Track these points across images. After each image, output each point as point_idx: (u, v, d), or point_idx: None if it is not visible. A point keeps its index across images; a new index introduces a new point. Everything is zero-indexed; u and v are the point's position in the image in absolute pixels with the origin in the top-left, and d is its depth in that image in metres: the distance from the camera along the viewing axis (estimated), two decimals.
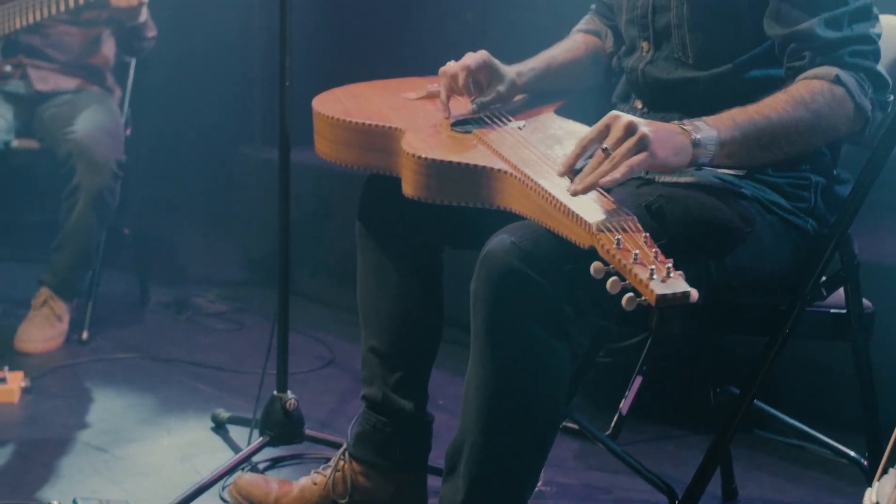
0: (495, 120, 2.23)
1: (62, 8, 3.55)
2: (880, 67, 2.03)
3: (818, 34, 2.00)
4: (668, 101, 2.21)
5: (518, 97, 2.38)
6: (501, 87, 2.32)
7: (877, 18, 2.06)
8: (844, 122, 2.00)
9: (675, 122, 1.93)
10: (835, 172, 2.18)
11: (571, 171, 1.86)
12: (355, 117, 2.23)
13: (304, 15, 3.32)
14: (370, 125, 2.21)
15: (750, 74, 2.12)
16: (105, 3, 3.49)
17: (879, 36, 2.05)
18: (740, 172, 2.10)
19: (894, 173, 2.17)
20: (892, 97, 2.05)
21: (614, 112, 1.88)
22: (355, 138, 2.23)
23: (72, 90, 3.77)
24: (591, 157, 1.86)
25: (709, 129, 1.92)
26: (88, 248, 3.67)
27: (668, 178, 2.10)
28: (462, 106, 2.30)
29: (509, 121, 2.22)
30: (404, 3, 4.53)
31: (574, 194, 1.79)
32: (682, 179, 2.09)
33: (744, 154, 1.96)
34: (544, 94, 2.41)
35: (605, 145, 1.83)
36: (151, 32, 3.77)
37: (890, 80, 2.04)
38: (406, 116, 2.25)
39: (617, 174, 1.79)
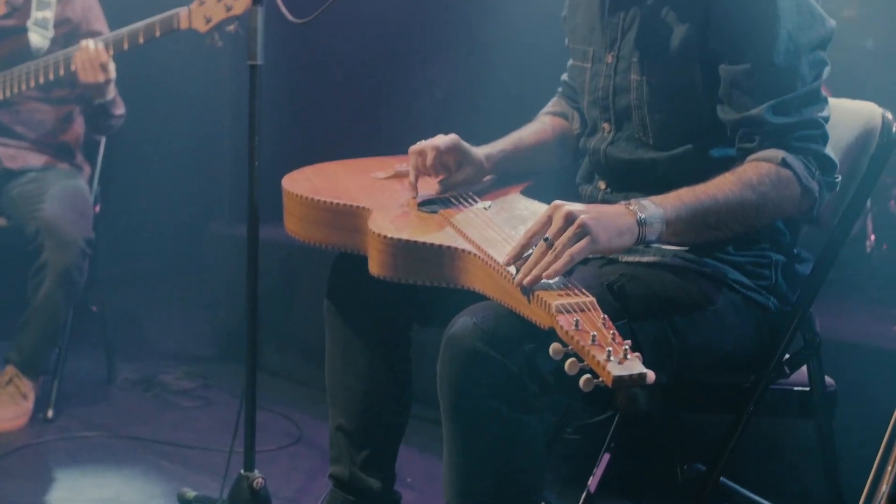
0: (461, 200, 2.25)
1: (31, 83, 3.57)
2: (828, 150, 2.07)
3: (767, 120, 2.04)
4: (629, 181, 2.24)
5: (486, 178, 2.41)
6: (470, 169, 2.35)
7: (825, 101, 2.10)
8: (791, 203, 2.04)
9: (622, 202, 1.97)
10: (795, 251, 2.21)
11: (521, 260, 1.88)
12: (324, 196, 2.25)
13: (273, 93, 3.35)
14: (338, 204, 2.23)
15: (709, 154, 2.15)
16: (73, 78, 3.51)
17: (827, 119, 2.09)
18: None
19: (853, 252, 2.20)
20: (839, 178, 2.10)
21: (556, 202, 1.92)
22: (324, 217, 2.25)
23: (40, 167, 3.77)
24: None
25: (655, 207, 1.96)
26: (55, 326, 3.64)
27: (631, 258, 2.13)
28: (430, 186, 2.33)
29: (475, 201, 2.25)
30: (373, 82, 4.58)
31: (518, 285, 1.82)
32: (645, 259, 2.12)
33: (690, 232, 2.00)
34: (512, 174, 2.44)
35: (546, 236, 1.87)
36: (119, 110, 3.77)
37: (837, 162, 2.09)
38: (374, 196, 2.27)
39: (559, 264, 1.83)
